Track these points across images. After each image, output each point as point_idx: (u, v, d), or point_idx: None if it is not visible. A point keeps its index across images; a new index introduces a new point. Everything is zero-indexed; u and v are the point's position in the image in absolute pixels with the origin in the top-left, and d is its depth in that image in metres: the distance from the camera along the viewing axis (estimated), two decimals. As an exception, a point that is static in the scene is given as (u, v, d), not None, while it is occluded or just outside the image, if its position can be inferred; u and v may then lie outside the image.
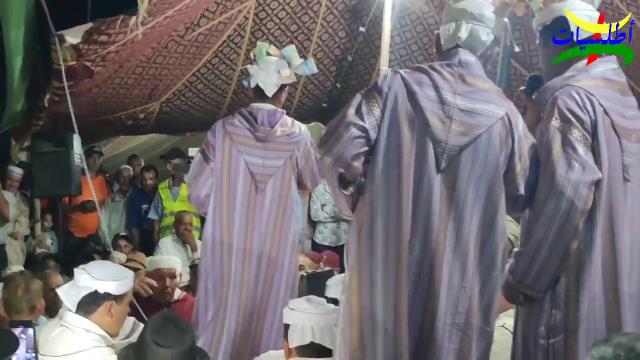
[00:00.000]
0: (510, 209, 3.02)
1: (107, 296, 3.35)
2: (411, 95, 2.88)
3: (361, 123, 2.87)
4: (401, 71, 2.95)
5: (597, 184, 2.92)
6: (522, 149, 2.96)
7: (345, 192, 2.95)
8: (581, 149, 2.90)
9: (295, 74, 4.63)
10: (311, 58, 4.77)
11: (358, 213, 2.95)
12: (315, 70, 4.70)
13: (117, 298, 3.39)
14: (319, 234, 8.38)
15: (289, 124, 4.48)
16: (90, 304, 3.33)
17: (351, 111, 2.91)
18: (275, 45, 7.59)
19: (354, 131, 2.87)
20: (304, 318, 3.22)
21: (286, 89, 4.58)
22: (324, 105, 8.82)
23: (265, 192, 4.37)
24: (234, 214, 4.33)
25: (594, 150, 2.95)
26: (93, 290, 3.32)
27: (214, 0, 6.61)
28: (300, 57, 8.06)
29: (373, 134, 2.88)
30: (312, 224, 8.52)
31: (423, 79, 2.91)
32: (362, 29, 7.93)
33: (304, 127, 4.56)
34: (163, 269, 5.13)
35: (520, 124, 2.97)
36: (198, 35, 7.05)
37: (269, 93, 4.43)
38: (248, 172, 4.36)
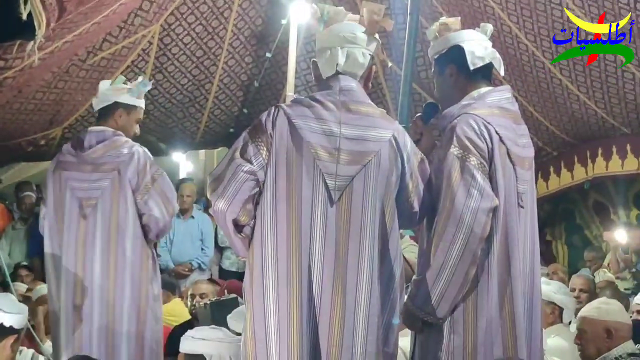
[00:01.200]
0: (406, 225, 3.07)
1: (12, 330, 3.24)
2: (296, 131, 2.86)
3: (249, 166, 2.84)
4: (283, 106, 2.93)
5: (494, 210, 2.98)
6: (413, 167, 2.99)
7: (240, 236, 2.90)
8: (479, 176, 2.96)
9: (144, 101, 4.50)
10: (144, 78, 4.61)
11: (250, 252, 2.91)
12: (149, 85, 4.48)
13: (19, 332, 3.29)
14: (226, 259, 8.27)
15: (117, 145, 4.20)
16: None
17: (238, 154, 2.87)
18: (181, 71, 7.63)
19: (243, 175, 2.83)
20: (220, 347, 3.16)
21: (121, 110, 4.29)
22: (231, 130, 8.77)
23: (95, 218, 4.12)
24: (63, 243, 4.14)
25: (491, 177, 3.01)
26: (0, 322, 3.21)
27: (116, 25, 6.52)
28: (207, 82, 8.11)
29: (262, 175, 2.85)
30: (220, 249, 8.42)
31: (306, 112, 2.89)
32: (268, 54, 7.96)
33: (140, 150, 4.24)
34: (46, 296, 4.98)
35: (408, 143, 3.00)
36: (101, 60, 6.95)
37: (96, 107, 4.33)
38: (74, 198, 4.15)
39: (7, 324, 3.23)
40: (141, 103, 4.40)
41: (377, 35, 3.08)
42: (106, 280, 4.07)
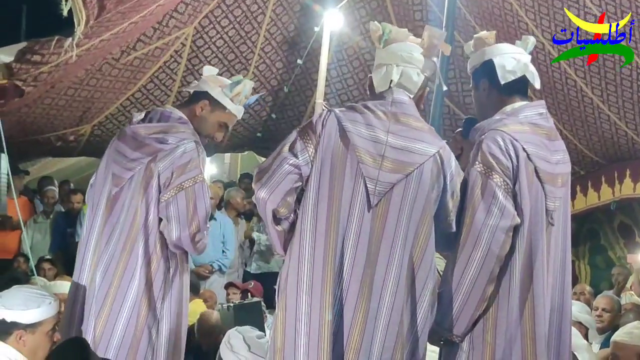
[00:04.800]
0: (443, 246, 3.06)
1: (15, 325, 3.27)
2: (344, 133, 2.92)
3: (294, 159, 2.91)
4: (336, 110, 3.00)
5: (517, 229, 2.95)
6: (455, 186, 3.00)
7: (277, 228, 2.95)
8: (501, 195, 2.93)
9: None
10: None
11: (289, 249, 2.95)
12: (244, 86, 3.80)
13: (28, 327, 3.30)
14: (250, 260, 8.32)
15: (172, 130, 3.54)
16: (0, 332, 3.26)
17: (286, 148, 2.94)
18: (211, 74, 7.63)
19: (287, 167, 2.90)
20: None
21: (206, 102, 3.66)
22: (259, 134, 8.82)
23: (113, 212, 3.53)
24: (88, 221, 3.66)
25: (515, 196, 2.97)
26: (1, 318, 3.25)
27: (151, 26, 6.59)
28: (237, 86, 8.13)
29: (306, 170, 2.91)
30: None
31: (357, 117, 2.95)
32: (299, 61, 8.01)
33: (190, 145, 3.50)
34: (57, 295, 3.93)
35: (453, 162, 3.02)
36: (134, 60, 7.01)
37: (191, 90, 3.87)
38: (110, 172, 3.58)
39: (8, 319, 3.27)
40: (231, 106, 3.71)
41: (435, 59, 3.12)
42: (102, 281, 3.51)
